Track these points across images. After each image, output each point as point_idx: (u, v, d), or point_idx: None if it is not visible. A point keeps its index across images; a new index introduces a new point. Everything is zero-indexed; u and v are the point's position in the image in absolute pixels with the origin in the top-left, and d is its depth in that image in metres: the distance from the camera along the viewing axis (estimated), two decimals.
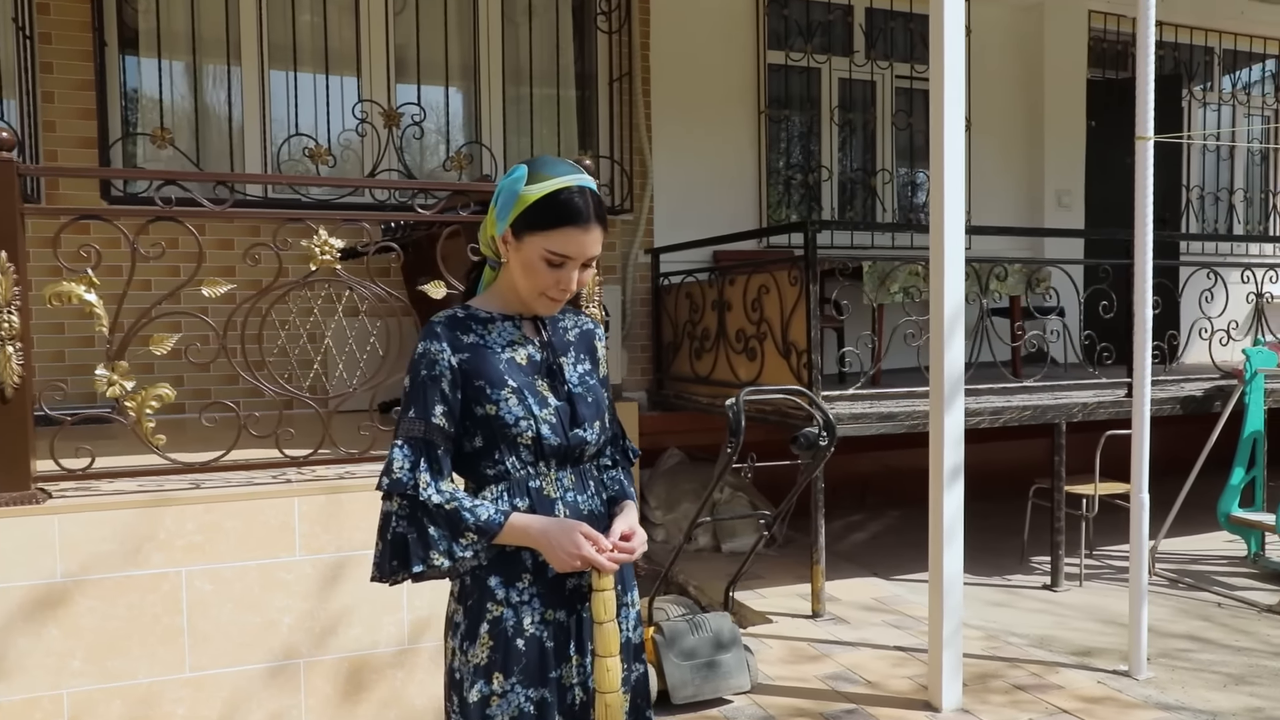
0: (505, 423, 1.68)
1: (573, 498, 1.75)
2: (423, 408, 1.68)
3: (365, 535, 3.11)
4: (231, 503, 2.98)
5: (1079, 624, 4.46)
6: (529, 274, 1.70)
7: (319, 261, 3.08)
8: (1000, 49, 7.39)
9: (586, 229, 1.68)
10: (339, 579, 3.09)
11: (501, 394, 1.69)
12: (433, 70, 5.71)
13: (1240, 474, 5.20)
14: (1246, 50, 8.37)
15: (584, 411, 1.76)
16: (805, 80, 6.84)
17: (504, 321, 1.77)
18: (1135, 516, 3.83)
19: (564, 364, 1.79)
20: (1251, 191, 8.50)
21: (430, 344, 1.70)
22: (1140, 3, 3.72)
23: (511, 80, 5.93)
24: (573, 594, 1.73)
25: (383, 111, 5.38)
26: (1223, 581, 5.10)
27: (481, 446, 1.71)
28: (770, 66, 6.66)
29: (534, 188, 1.69)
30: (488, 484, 1.72)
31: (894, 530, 6.31)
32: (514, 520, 1.66)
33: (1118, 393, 5.18)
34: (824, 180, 6.89)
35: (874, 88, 7.04)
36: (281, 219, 3.13)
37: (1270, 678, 3.78)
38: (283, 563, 3.03)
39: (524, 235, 1.69)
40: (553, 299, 1.72)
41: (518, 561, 1.70)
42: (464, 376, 1.69)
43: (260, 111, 5.36)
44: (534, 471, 1.72)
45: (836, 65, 6.87)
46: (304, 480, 3.14)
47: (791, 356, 4.62)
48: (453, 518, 1.64)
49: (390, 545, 1.66)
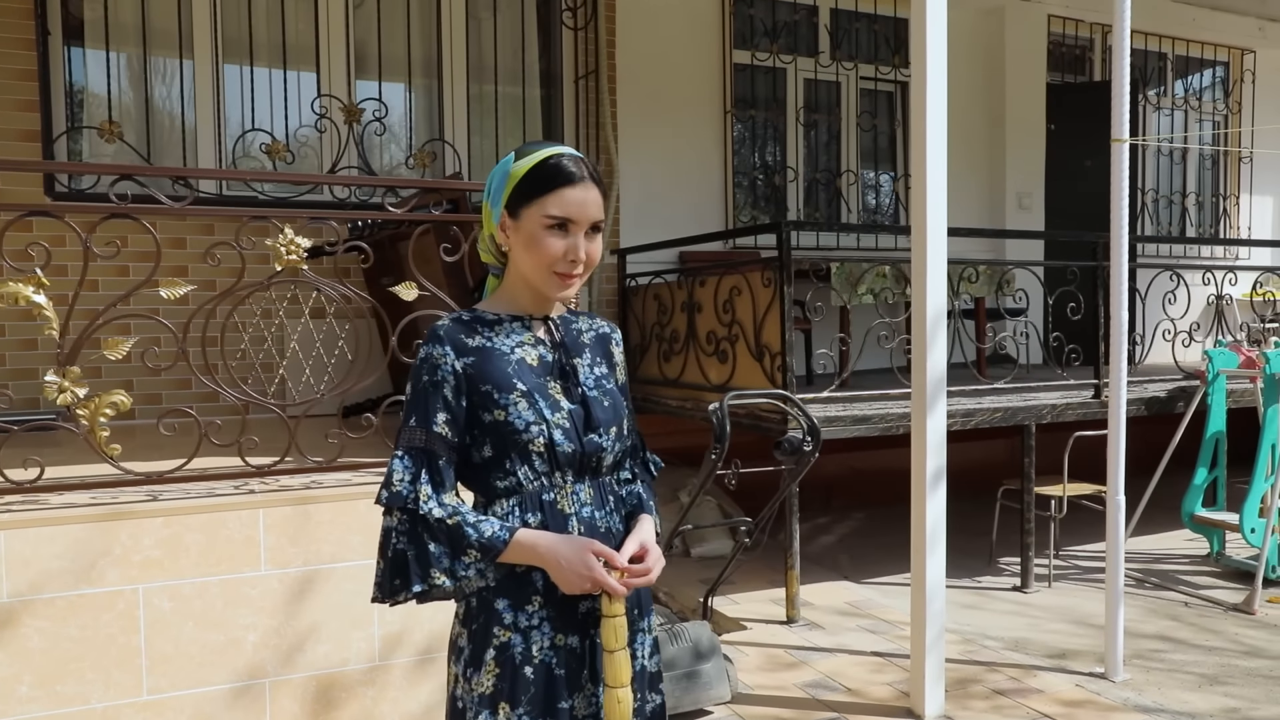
0: (515, 429, 1.58)
1: (589, 514, 1.64)
2: (424, 416, 1.57)
3: (334, 548, 2.98)
4: (192, 515, 2.83)
5: (1052, 626, 4.46)
6: (534, 250, 1.60)
7: (284, 261, 2.94)
8: (962, 53, 7.41)
9: (583, 187, 1.60)
10: (307, 594, 2.95)
11: (510, 398, 1.58)
12: (394, 66, 5.57)
13: (1204, 474, 5.25)
14: (1198, 57, 8.53)
15: (599, 415, 1.65)
16: (771, 80, 6.80)
17: (512, 322, 1.68)
18: (1111, 519, 3.84)
19: (578, 365, 1.69)
20: (1203, 195, 8.66)
21: (432, 348, 1.60)
22: (1116, 10, 3.72)
23: (475, 77, 5.80)
24: (586, 617, 1.62)
25: (343, 107, 5.22)
26: (1187, 580, 5.14)
27: (491, 456, 1.61)
28: (736, 66, 6.61)
29: (522, 162, 1.63)
30: (498, 498, 1.61)
31: (860, 532, 6.30)
32: (520, 537, 1.55)
33: (1084, 394, 5.21)
34: (790, 181, 6.85)
35: (839, 89, 7.03)
36: (245, 216, 2.98)
37: (1243, 677, 3.80)
38: (247, 578, 2.89)
39: (520, 210, 1.61)
40: (564, 275, 1.62)
41: (527, 583, 1.59)
42: (469, 381, 1.59)
43: (213, 107, 5.17)
44: (548, 483, 1.62)
45: (802, 66, 6.84)
46: (269, 491, 3.00)
47: (765, 359, 4.56)
48: (454, 534, 1.54)
49: (391, 563, 1.55)
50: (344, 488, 3.05)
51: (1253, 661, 3.97)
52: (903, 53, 7.22)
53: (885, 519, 6.43)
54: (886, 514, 6.46)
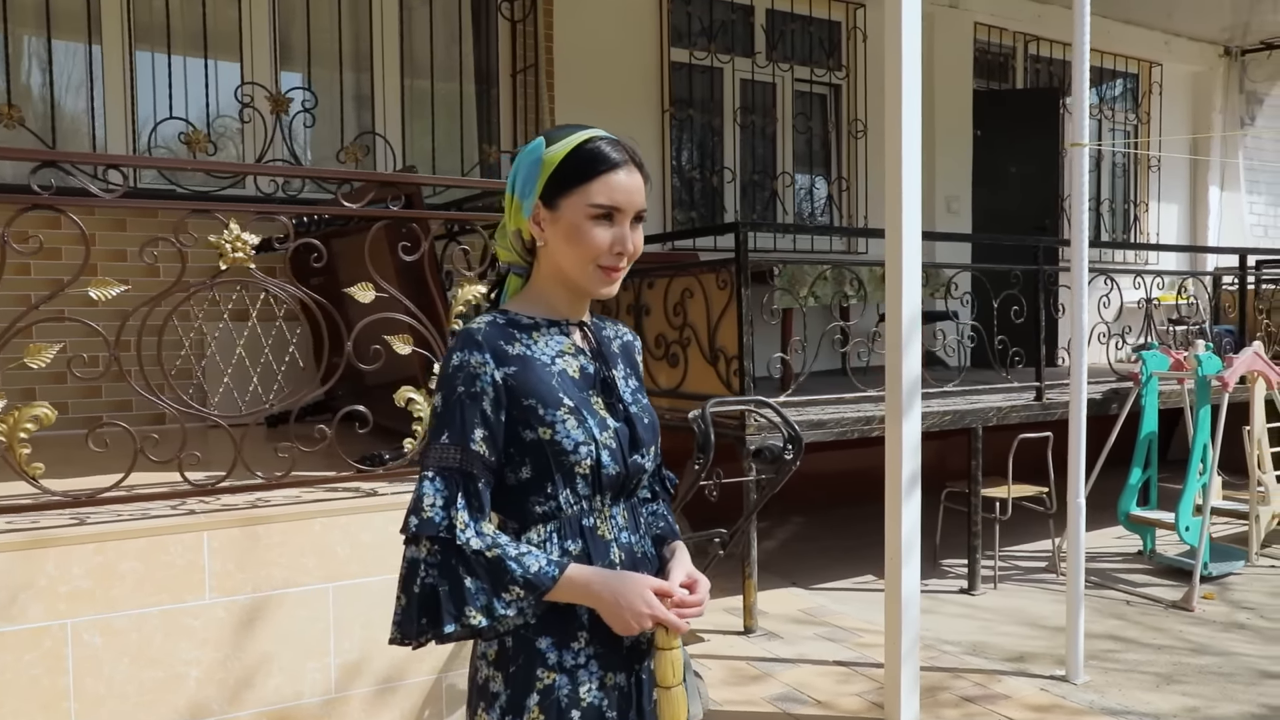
0: (563, 449, 1.41)
1: (627, 539, 1.50)
2: (460, 431, 1.39)
3: (286, 572, 2.74)
4: (127, 540, 2.56)
5: (1005, 628, 4.47)
6: (577, 243, 1.44)
7: (230, 260, 2.69)
8: None
9: (628, 172, 1.45)
10: (256, 622, 2.70)
11: (558, 414, 1.42)
12: (324, 59, 5.27)
13: (1138, 474, 5.37)
14: (1111, 68, 8.80)
15: (643, 434, 1.51)
16: (708, 80, 6.72)
17: (549, 328, 1.51)
18: (1073, 522, 3.85)
19: (615, 377, 1.54)
20: (1115, 201, 8.94)
21: (469, 354, 1.41)
22: (1076, 19, 3.75)
23: (409, 68, 5.54)
24: (631, 652, 1.47)
25: (269, 96, 4.91)
26: (1124, 578, 5.25)
27: (529, 479, 1.44)
28: (673, 65, 6.50)
29: (556, 147, 1.47)
30: (534, 524, 1.44)
31: (804, 537, 6.26)
32: (571, 574, 1.39)
33: (1027, 396, 5.26)
34: (727, 182, 6.78)
35: (774, 90, 6.99)
36: (186, 210, 2.72)
37: (1196, 675, 3.86)
38: (190, 607, 2.62)
39: (559, 201, 1.45)
40: (610, 269, 1.46)
41: (572, 618, 1.43)
42: (510, 394, 1.42)
43: (124, 94, 4.80)
44: (588, 507, 1.46)
45: (739, 66, 6.78)
46: (212, 511, 2.74)
47: (720, 363, 4.45)
48: (495, 568, 1.36)
49: (419, 600, 1.36)
50: (295, 505, 2.82)
51: (1202, 659, 4.04)
52: (836, 55, 7.24)
53: (826, 523, 6.40)
54: (826, 518, 6.44)
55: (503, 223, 1.57)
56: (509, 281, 1.59)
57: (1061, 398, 5.36)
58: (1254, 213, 9.67)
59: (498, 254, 1.60)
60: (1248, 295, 6.51)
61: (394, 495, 2.96)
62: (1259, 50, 9.48)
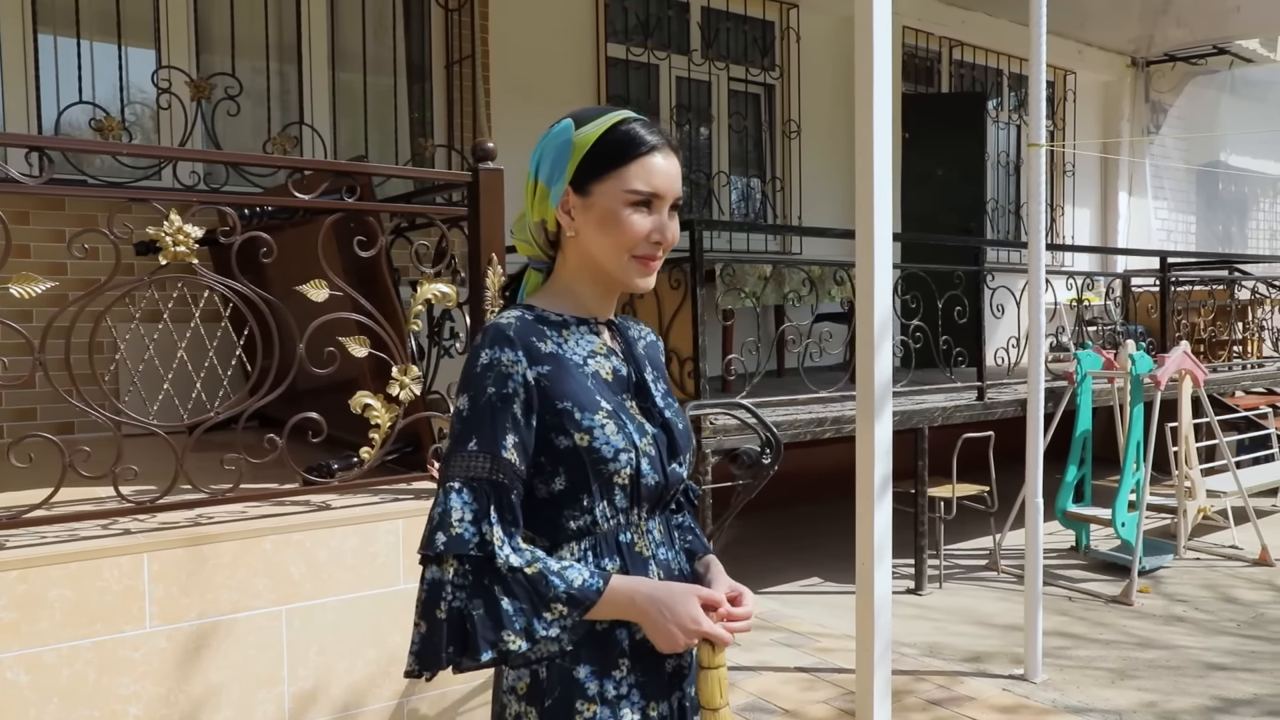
0: (602, 457, 1.28)
1: (664, 555, 1.39)
2: (490, 438, 1.25)
3: (235, 595, 2.51)
4: (56, 565, 2.30)
5: (956, 628, 4.48)
6: (612, 230, 1.32)
7: (171, 254, 2.45)
8: (825, 58, 7.49)
9: (666, 155, 1.34)
10: (203, 651, 2.47)
11: (595, 419, 1.29)
12: (248, 47, 4.96)
13: (1074, 471, 5.47)
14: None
15: (681, 441, 1.39)
16: (645, 77, 6.60)
17: (579, 325, 1.37)
18: (1031, 523, 3.86)
19: (648, 380, 1.41)
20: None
21: (500, 352, 1.27)
22: (1032, 23, 3.77)
23: (340, 56, 5.27)
24: (674, 676, 1.36)
25: (189, 82, 4.59)
26: (1061, 574, 5.33)
27: (563, 490, 1.30)
28: (610, 60, 6.37)
29: (588, 128, 1.34)
30: (567, 541, 1.31)
31: (744, 540, 6.19)
32: (616, 585, 1.26)
33: (969, 396, 5.30)
34: None
35: (710, 88, 6.92)
36: (124, 199, 2.46)
37: (1147, 670, 3.92)
38: (128, 637, 2.38)
39: (592, 186, 1.33)
40: (647, 259, 1.34)
41: (612, 642, 1.30)
42: (543, 397, 1.28)
43: (25, 79, 4.42)
44: (625, 521, 1.33)
45: (675, 63, 6.69)
46: (150, 530, 2.49)
47: (673, 364, 4.34)
48: (536, 585, 1.22)
49: (446, 625, 1.21)
50: (244, 522, 2.59)
51: (1149, 653, 4.11)
52: (770, 55, 7.21)
53: (765, 524, 6.36)
54: (762, 520, 6.39)
55: (521, 213, 1.43)
56: (528, 277, 1.45)
57: (1001, 397, 5.42)
58: (1159, 217, 10.06)
59: (516, 247, 1.45)
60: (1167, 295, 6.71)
61: (348, 509, 2.76)
62: (1163, 62, 9.87)
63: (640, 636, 1.30)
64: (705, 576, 1.43)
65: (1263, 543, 5.46)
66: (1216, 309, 7.52)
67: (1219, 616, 4.57)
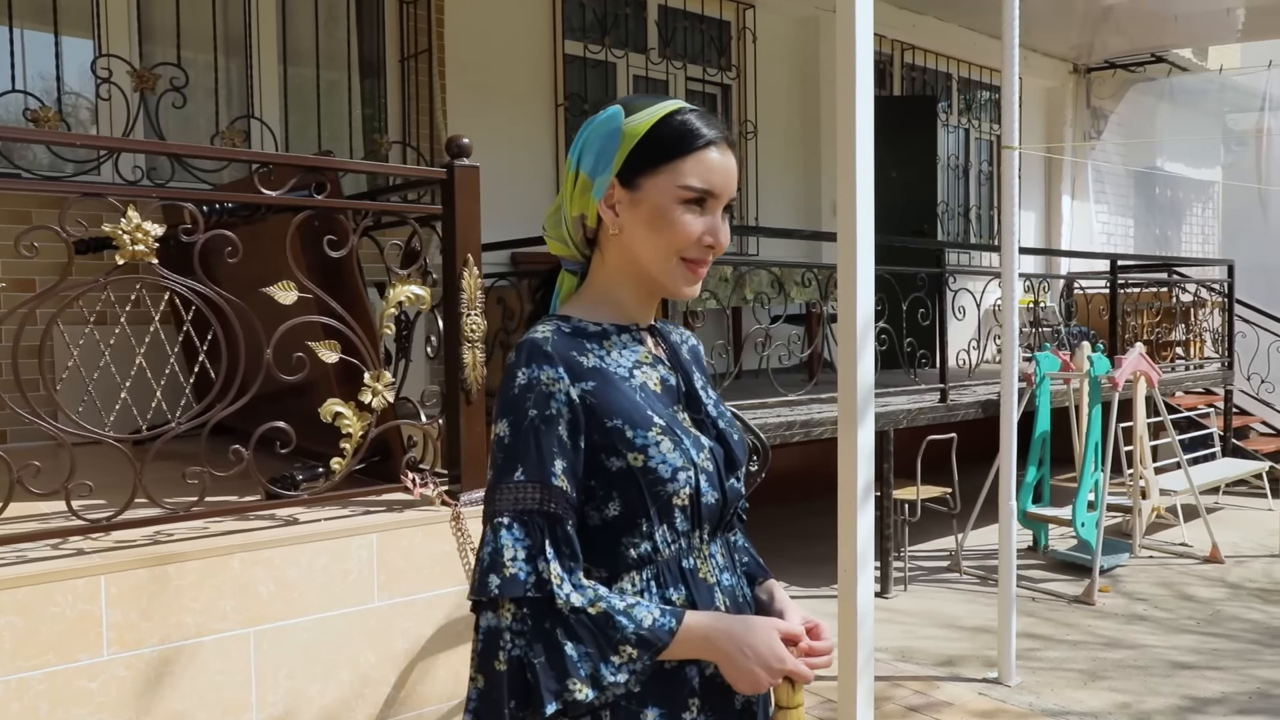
0: (659, 477, 1.18)
1: (729, 581, 1.28)
2: (537, 465, 1.14)
3: (200, 618, 2.35)
4: (5, 590, 2.12)
5: (926, 631, 4.47)
6: (662, 230, 1.22)
7: (129, 253, 2.28)
8: (782, 59, 7.48)
9: (723, 151, 1.24)
10: (165, 679, 2.30)
11: (649, 436, 1.19)
12: (194, 39, 4.73)
13: (1033, 472, 5.51)
14: (978, 79, 9.13)
15: (737, 454, 1.30)
16: (602, 75, 6.50)
17: (620, 334, 1.27)
18: (1004, 528, 3.86)
19: (698, 389, 1.31)
20: (981, 208, 9.29)
21: (538, 369, 1.16)
22: (1005, 24, 3.76)
23: (291, 49, 5.07)
24: (742, 714, 1.26)
25: (131, 71, 4.36)
26: (1022, 574, 5.35)
27: (618, 516, 1.19)
28: (567, 57, 6.25)
29: (639, 116, 1.24)
30: (626, 570, 1.20)
31: None
32: (690, 624, 1.16)
33: (932, 398, 5.31)
34: None
35: (668, 87, 6.85)
36: (76, 192, 2.29)
37: (1117, 670, 3.94)
38: (84, 666, 2.20)
39: (641, 181, 1.22)
40: (696, 263, 1.25)
41: (681, 681, 1.20)
42: (589, 415, 1.18)
43: None
44: (687, 546, 1.23)
45: (633, 62, 6.60)
46: (107, 550, 2.32)
47: None
48: (601, 626, 1.12)
49: (506, 677, 1.10)
50: (208, 540, 2.43)
51: (1116, 653, 4.14)
52: (727, 55, 7.17)
53: None
54: None
55: (555, 207, 1.32)
56: (562, 280, 1.34)
57: (962, 399, 5.44)
58: (1100, 220, 10.27)
59: (548, 246, 1.34)
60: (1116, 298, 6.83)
61: (318, 523, 2.62)
62: (1104, 69, 10.08)
63: (710, 672, 1.20)
64: (772, 605, 1.33)
65: (1213, 540, 5.56)
66: (1162, 311, 7.69)
67: (1178, 615, 4.63)
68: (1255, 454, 7.48)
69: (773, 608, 1.33)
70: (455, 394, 2.84)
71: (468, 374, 2.84)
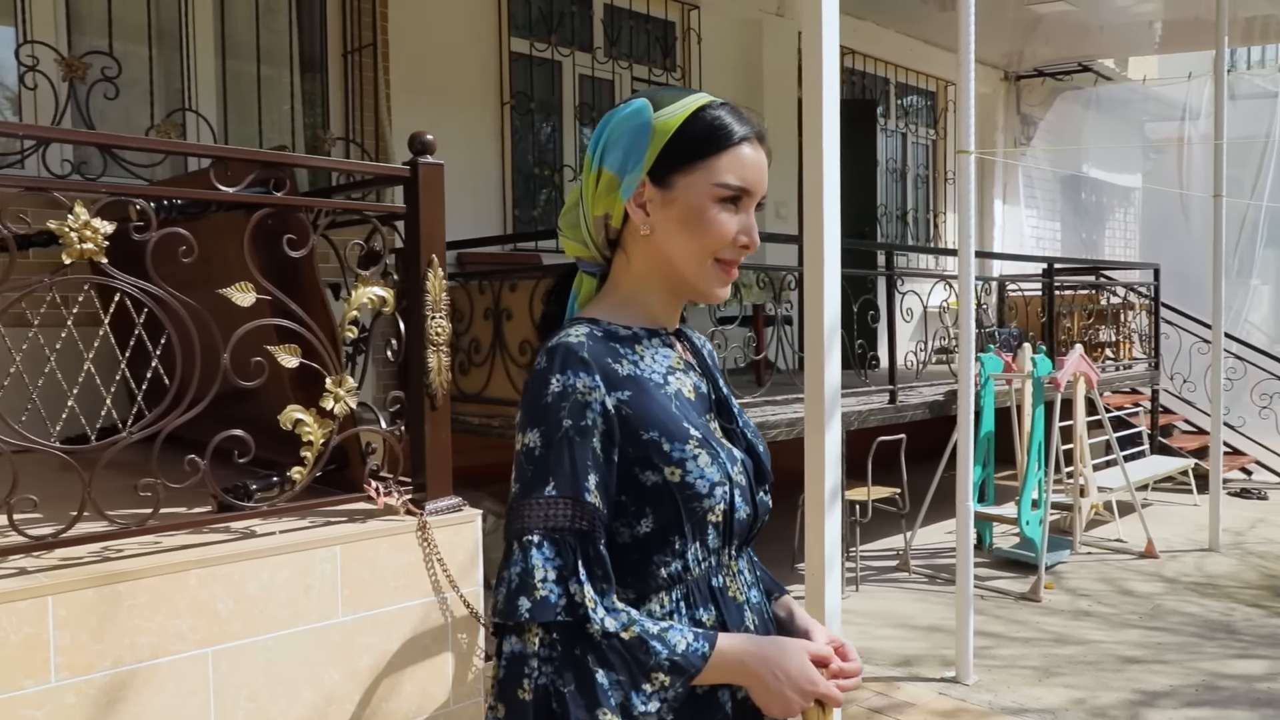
0: (697, 493, 1.13)
1: (757, 599, 1.24)
2: (570, 479, 1.08)
3: (155, 638, 2.22)
4: None
5: (880, 631, 4.49)
6: (697, 230, 1.17)
7: (76, 252, 2.14)
8: (726, 61, 7.49)
9: (756, 147, 1.20)
10: (118, 705, 2.17)
11: (687, 449, 1.13)
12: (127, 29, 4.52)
13: (979, 471, 5.60)
14: (914, 85, 9.28)
15: (765, 466, 1.25)
16: (549, 73, 6.42)
17: (650, 338, 1.21)
18: (961, 525, 3.89)
19: (726, 397, 1.26)
20: (919, 211, 9.45)
21: (574, 376, 1.10)
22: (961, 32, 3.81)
23: (229, 42, 4.88)
24: None
25: (59, 60, 4.14)
26: None
27: (650, 533, 1.13)
28: (514, 55, 6.16)
29: (669, 111, 1.18)
30: (656, 591, 1.15)
31: None
32: (723, 648, 1.10)
33: (881, 399, 5.35)
34: (569, 180, 6.51)
35: (613, 87, 6.79)
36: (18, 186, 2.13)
37: (1069, 666, 4.01)
38: (30, 694, 2.06)
39: (674, 178, 1.17)
40: (730, 264, 1.20)
41: (713, 706, 1.15)
42: (625, 427, 1.12)
43: None
44: (716, 563, 1.18)
45: (579, 61, 6.53)
46: (48, 568, 2.18)
47: None
48: (635, 652, 1.06)
49: (531, 708, 1.04)
50: (160, 555, 2.30)
51: (1067, 649, 4.22)
52: (672, 56, 7.15)
53: None
54: None
55: (572, 205, 1.26)
56: (581, 282, 1.27)
57: (910, 400, 5.50)
58: (1030, 224, 10.53)
59: (564, 247, 1.28)
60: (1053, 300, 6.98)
61: (276, 536, 2.50)
62: (1033, 77, 10.34)
63: (742, 696, 1.15)
64: (792, 623, 1.29)
65: (1148, 536, 5.73)
66: (1095, 313, 7.90)
67: (1121, 609, 4.75)
68: (1180, 451, 7.74)
69: (794, 625, 1.29)
70: (420, 399, 2.75)
71: (433, 379, 2.75)
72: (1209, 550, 5.78)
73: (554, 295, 1.31)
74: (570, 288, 1.29)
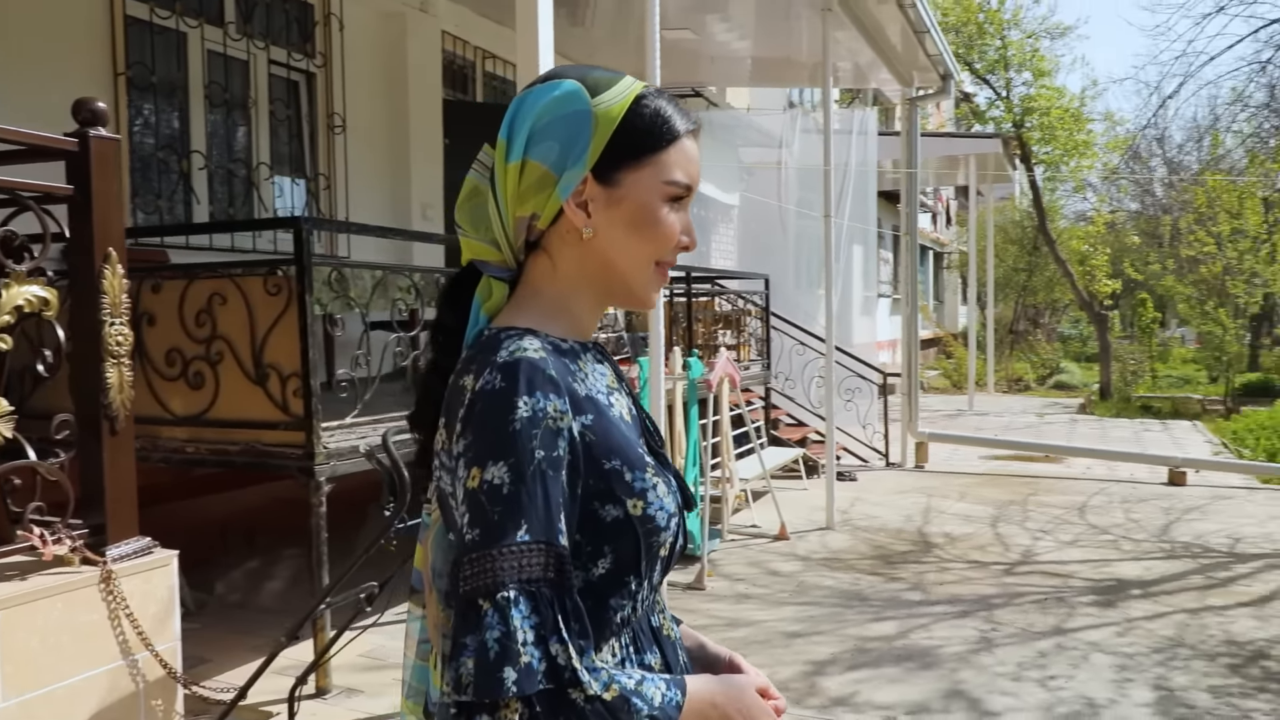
0: (657, 526, 1.02)
1: (677, 634, 1.17)
2: (544, 521, 0.92)
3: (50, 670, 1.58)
4: None
5: None
6: (648, 233, 1.05)
7: None
8: (370, 52, 7.10)
9: (695, 140, 1.11)
10: None
11: (646, 479, 1.02)
12: None
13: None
14: None
15: (688, 491, 1.14)
16: (173, 44, 5.64)
17: (584, 353, 1.07)
18: None
19: (649, 417, 1.15)
20: None
21: (544, 399, 0.94)
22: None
23: None
24: None
25: None
26: None
27: (605, 574, 1.01)
28: (130, 19, 5.32)
29: (609, 97, 1.05)
30: (608, 639, 1.02)
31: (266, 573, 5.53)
32: (693, 693, 1.00)
33: None
34: (198, 168, 5.77)
35: (248, 68, 6.15)
36: None
37: (745, 647, 4.31)
38: None
39: (621, 174, 1.05)
40: (668, 266, 1.10)
41: None
42: (588, 455, 0.98)
43: None
44: (652, 602, 1.09)
45: (209, 35, 5.81)
46: None
47: (271, 381, 3.75)
48: (617, 713, 0.93)
49: None
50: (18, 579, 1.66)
51: (739, 631, 4.54)
52: (312, 41, 6.64)
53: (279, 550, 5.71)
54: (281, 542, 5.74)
55: (471, 197, 1.10)
56: (490, 288, 1.09)
57: None
58: None
59: (466, 249, 1.09)
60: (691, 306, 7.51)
61: None
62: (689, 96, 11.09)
63: None
64: (705, 654, 1.23)
65: (781, 520, 6.36)
66: (721, 318, 8.63)
67: (774, 590, 5.21)
68: (789, 442, 8.72)
69: (708, 655, 1.24)
70: (96, 421, 2.25)
71: (112, 397, 2.27)
72: (827, 529, 6.56)
73: (450, 302, 1.12)
74: (464, 294, 1.10)
